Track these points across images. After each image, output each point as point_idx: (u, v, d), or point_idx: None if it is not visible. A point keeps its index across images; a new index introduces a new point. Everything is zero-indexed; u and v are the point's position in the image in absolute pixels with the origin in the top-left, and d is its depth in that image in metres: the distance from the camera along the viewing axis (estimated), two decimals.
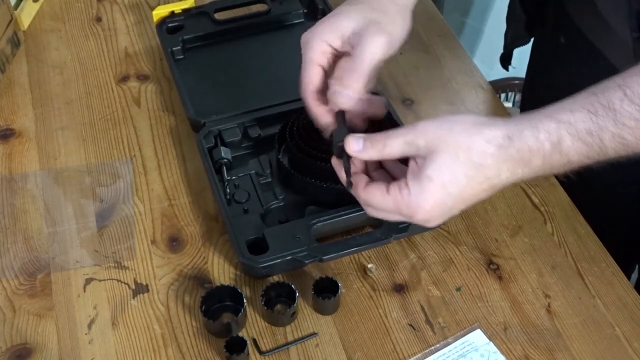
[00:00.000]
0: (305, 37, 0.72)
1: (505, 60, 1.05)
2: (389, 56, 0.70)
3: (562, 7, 0.92)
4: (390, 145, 0.64)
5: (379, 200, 0.65)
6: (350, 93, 0.68)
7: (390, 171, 0.70)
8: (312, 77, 0.71)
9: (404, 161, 0.68)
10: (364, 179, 0.68)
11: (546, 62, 1.02)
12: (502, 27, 1.94)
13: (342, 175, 0.69)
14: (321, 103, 0.72)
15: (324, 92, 0.72)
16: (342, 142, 0.67)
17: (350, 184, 0.69)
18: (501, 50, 1.06)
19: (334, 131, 0.70)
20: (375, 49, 0.68)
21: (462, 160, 0.61)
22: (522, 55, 1.07)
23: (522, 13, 0.96)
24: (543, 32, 1.00)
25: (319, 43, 0.71)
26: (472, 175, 0.62)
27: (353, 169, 0.69)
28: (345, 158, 0.68)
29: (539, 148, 0.61)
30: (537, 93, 1.08)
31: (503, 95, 1.92)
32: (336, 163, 0.70)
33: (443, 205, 0.63)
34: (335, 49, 0.71)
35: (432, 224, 0.66)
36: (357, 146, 0.66)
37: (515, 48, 1.03)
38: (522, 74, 1.92)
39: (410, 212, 0.64)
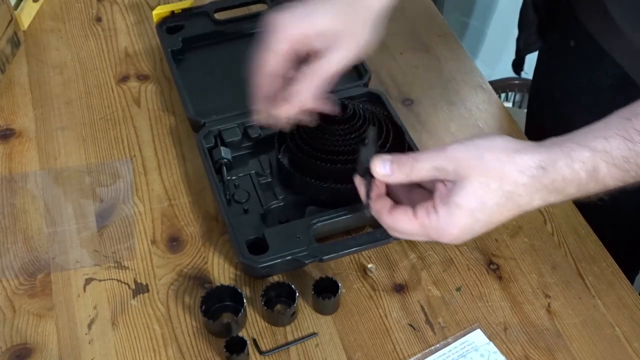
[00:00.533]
0: (276, 21, 0.70)
1: (518, 66, 1.05)
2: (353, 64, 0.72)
3: (572, 11, 0.92)
4: (418, 170, 0.63)
5: (406, 226, 0.65)
6: (309, 96, 0.69)
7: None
8: (271, 61, 0.70)
9: None
10: (387, 202, 0.67)
11: (554, 65, 1.01)
12: (505, 29, 1.94)
13: (363, 195, 0.68)
14: (269, 89, 0.72)
15: (275, 77, 0.72)
16: (368, 162, 0.66)
17: (368, 205, 0.68)
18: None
19: (361, 150, 0.68)
20: (345, 61, 0.69)
21: (493, 189, 0.61)
22: (527, 57, 1.06)
23: (534, 16, 0.95)
24: (552, 35, 1.00)
25: (292, 31, 0.69)
26: (502, 203, 0.61)
27: (376, 191, 0.68)
28: (368, 179, 0.67)
29: (574, 177, 0.61)
30: (544, 95, 1.07)
31: (503, 95, 1.92)
32: (359, 182, 0.69)
33: (471, 230, 0.63)
34: (304, 42, 0.70)
35: (457, 243, 0.66)
36: (383, 170, 0.65)
37: (527, 54, 1.03)
38: (523, 74, 1.92)
39: (438, 236, 0.64)
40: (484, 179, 0.61)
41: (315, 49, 0.70)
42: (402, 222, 0.65)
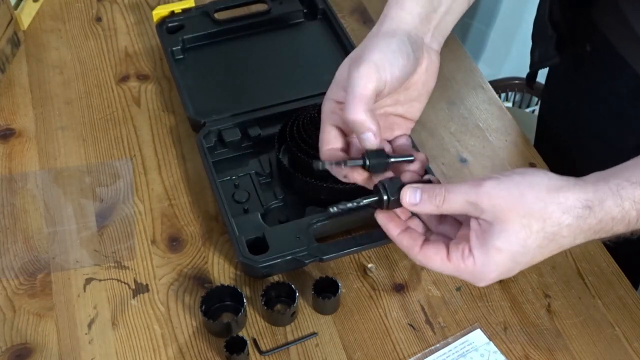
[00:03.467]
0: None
1: (532, 79, 1.01)
2: (387, 83, 0.64)
3: (588, 15, 0.90)
4: (450, 202, 0.59)
5: (439, 265, 0.61)
6: (370, 135, 0.63)
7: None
8: (325, 136, 0.69)
9: None
10: (418, 239, 0.63)
11: (568, 70, 0.98)
12: (507, 31, 1.92)
13: (393, 232, 0.64)
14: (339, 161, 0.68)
15: (344, 149, 0.69)
16: (393, 194, 0.62)
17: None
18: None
19: (386, 182, 0.64)
20: (359, 79, 0.62)
21: (535, 231, 0.57)
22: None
23: (553, 32, 0.90)
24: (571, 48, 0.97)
25: (327, 103, 0.69)
26: (544, 245, 0.58)
27: (402, 225, 0.64)
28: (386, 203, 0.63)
29: (624, 217, 0.57)
30: (556, 100, 1.05)
31: (503, 95, 1.92)
32: (382, 217, 0.65)
33: (508, 273, 0.60)
34: (340, 102, 0.67)
35: (485, 284, 0.62)
36: (414, 199, 0.61)
37: (543, 67, 0.99)
38: (523, 74, 1.91)
39: (474, 280, 0.61)
40: (526, 220, 0.57)
41: None
42: (435, 262, 0.61)
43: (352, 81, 0.63)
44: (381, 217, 0.65)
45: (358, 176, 0.67)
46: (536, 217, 0.57)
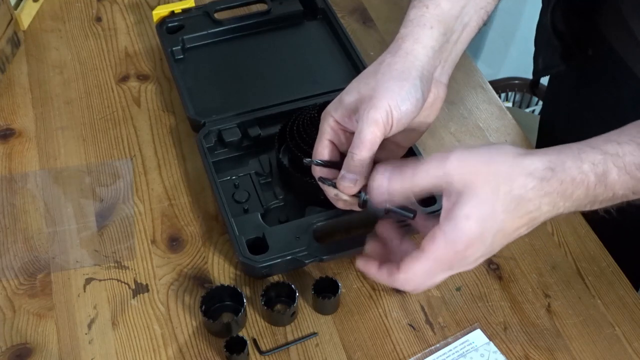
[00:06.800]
0: (324, 112, 0.71)
1: (535, 85, 1.01)
2: (393, 128, 0.66)
3: (592, 20, 0.90)
4: (420, 173, 0.61)
5: (416, 266, 0.61)
6: (354, 177, 0.65)
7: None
8: (319, 149, 0.70)
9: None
10: (393, 264, 0.64)
11: (571, 74, 0.98)
12: (506, 30, 1.92)
13: (372, 270, 0.66)
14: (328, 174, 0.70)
15: (334, 165, 0.70)
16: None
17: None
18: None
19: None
20: (369, 126, 0.64)
21: (502, 194, 0.58)
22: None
23: (557, 42, 0.90)
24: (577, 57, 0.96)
25: (327, 118, 0.69)
26: (511, 209, 0.59)
27: (378, 263, 0.66)
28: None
29: (583, 180, 0.58)
30: (559, 105, 1.05)
31: (503, 95, 1.92)
32: (361, 262, 0.68)
33: (482, 241, 0.60)
34: (340, 124, 0.69)
35: (471, 259, 0.61)
36: (382, 173, 0.63)
37: (547, 75, 0.99)
38: (522, 73, 1.91)
39: (449, 254, 0.60)
40: (494, 182, 0.58)
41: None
42: (411, 265, 0.61)
43: (363, 125, 0.65)
44: (361, 263, 0.68)
45: (347, 196, 0.68)
46: (503, 179, 0.58)
